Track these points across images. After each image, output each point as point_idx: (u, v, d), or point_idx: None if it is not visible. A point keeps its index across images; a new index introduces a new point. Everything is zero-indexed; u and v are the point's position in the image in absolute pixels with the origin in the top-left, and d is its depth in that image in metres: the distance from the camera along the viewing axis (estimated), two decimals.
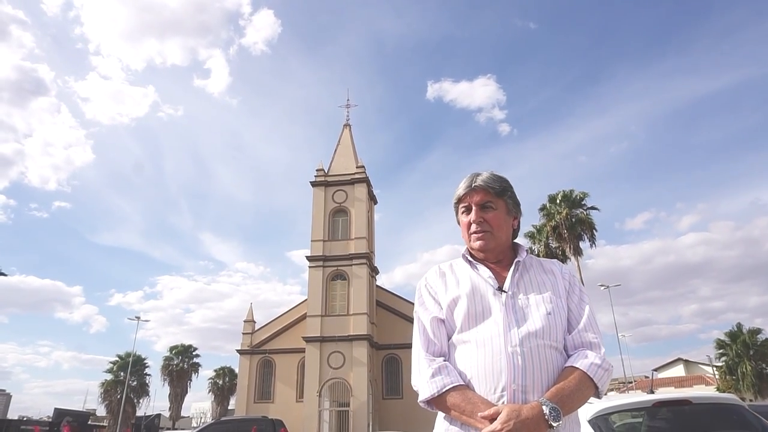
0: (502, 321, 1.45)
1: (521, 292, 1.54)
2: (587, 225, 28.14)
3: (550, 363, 1.43)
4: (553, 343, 1.45)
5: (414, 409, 31.93)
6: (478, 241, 1.59)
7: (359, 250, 33.00)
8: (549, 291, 1.55)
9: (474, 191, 1.61)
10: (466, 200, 1.62)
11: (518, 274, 1.57)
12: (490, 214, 1.59)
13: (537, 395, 1.37)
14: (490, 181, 1.61)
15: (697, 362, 46.79)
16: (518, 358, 1.39)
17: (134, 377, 39.24)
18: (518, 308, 1.49)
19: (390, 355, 33.84)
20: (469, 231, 1.61)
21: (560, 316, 1.51)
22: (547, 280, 1.59)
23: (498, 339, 1.43)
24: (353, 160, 36.44)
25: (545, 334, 1.45)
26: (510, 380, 1.38)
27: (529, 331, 1.44)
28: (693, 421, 3.93)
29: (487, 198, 1.60)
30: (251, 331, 35.65)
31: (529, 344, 1.41)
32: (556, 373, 1.42)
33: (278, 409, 29.40)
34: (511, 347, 1.41)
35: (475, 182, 1.62)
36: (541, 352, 1.42)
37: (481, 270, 1.60)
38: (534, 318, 1.47)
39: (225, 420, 20.12)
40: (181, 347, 45.35)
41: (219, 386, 48.87)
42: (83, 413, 44.25)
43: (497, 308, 1.49)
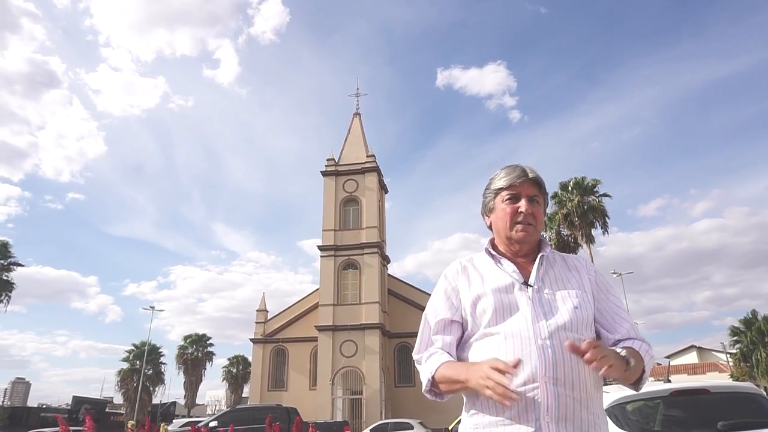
0: (531, 314, 1.45)
1: (546, 286, 1.53)
2: (599, 212, 27.90)
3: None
4: (582, 337, 1.44)
5: (426, 397, 32.00)
6: (522, 232, 1.55)
7: (370, 239, 33.05)
8: (574, 285, 1.54)
9: (528, 182, 1.58)
10: (517, 189, 1.58)
11: (543, 269, 1.56)
12: (536, 208, 1.58)
13: (567, 387, 1.37)
14: (540, 176, 1.62)
15: (711, 349, 46.48)
16: (548, 350, 1.39)
17: (150, 366, 39.88)
18: (545, 302, 1.49)
19: (402, 343, 33.99)
20: (514, 220, 1.57)
21: (587, 310, 1.50)
22: (572, 275, 1.58)
23: (527, 332, 1.42)
24: (363, 149, 36.37)
25: (573, 327, 1.45)
26: (541, 372, 1.37)
27: (558, 324, 1.43)
28: (710, 410, 3.90)
29: (536, 192, 1.60)
30: (264, 320, 35.97)
31: (558, 337, 1.41)
32: (585, 365, 1.38)
33: (291, 397, 29.74)
34: (541, 340, 1.40)
35: (531, 174, 1.59)
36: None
37: (505, 264, 1.58)
38: (561, 312, 1.46)
39: (241, 408, 20.40)
40: (195, 336, 45.93)
41: (233, 374, 49.46)
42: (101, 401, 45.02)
43: (524, 302, 1.48)
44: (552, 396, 1.36)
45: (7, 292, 30.21)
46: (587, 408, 1.40)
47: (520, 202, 1.57)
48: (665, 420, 4.01)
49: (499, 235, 1.63)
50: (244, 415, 15.11)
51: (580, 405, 1.38)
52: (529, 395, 1.37)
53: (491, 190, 1.64)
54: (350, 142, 37.17)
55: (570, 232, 28.31)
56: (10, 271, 30.70)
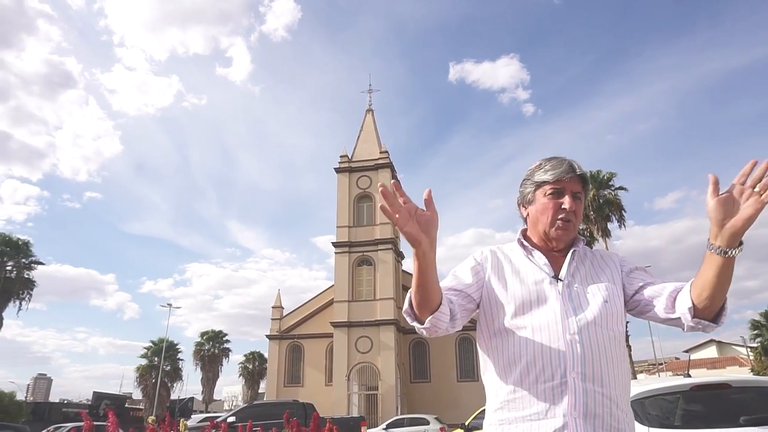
0: (560, 309, 1.42)
1: (576, 281, 1.49)
2: (615, 206, 27.61)
3: (608, 351, 1.39)
4: (611, 332, 1.42)
5: (442, 393, 32.15)
6: (561, 230, 1.51)
7: (384, 236, 33.09)
8: (605, 280, 1.50)
9: (575, 178, 1.52)
10: (562, 184, 1.51)
11: (574, 264, 1.53)
12: (578, 205, 1.52)
13: (596, 382, 1.35)
14: (586, 172, 1.55)
15: (731, 343, 45.81)
16: (577, 345, 1.36)
17: (167, 362, 40.38)
18: (574, 297, 1.45)
19: (417, 339, 34.03)
20: (555, 216, 1.51)
21: (617, 304, 1.47)
22: (603, 270, 1.54)
23: (555, 326, 1.39)
24: (377, 145, 36.36)
25: (603, 322, 1.41)
26: (570, 367, 1.34)
27: (587, 319, 1.40)
28: (732, 405, 3.85)
29: (580, 188, 1.54)
30: (279, 316, 36.24)
31: (587, 332, 1.38)
32: (614, 361, 1.39)
33: (307, 393, 29.92)
34: (570, 335, 1.37)
35: (579, 170, 1.52)
36: (600, 341, 1.39)
37: (536, 257, 1.55)
38: (591, 306, 1.43)
39: (258, 403, 20.61)
40: (212, 333, 46.40)
41: (249, 371, 49.91)
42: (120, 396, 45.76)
43: (553, 296, 1.45)
44: (581, 392, 1.33)
45: (29, 291, 30.81)
46: (616, 405, 1.37)
47: (563, 198, 1.51)
48: (685, 415, 3.97)
49: (535, 228, 1.58)
50: (261, 411, 15.27)
51: (610, 401, 1.35)
52: (557, 391, 1.34)
53: (533, 181, 1.57)
54: (363, 139, 37.18)
55: (586, 226, 28.05)
56: (31, 270, 31.30)
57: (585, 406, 1.32)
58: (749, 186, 1.23)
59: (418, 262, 1.30)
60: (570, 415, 1.31)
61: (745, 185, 1.24)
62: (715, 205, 1.24)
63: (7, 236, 31.01)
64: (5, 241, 30.59)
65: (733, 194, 1.25)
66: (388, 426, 22.50)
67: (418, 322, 1.41)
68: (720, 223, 1.24)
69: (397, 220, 1.27)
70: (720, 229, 1.24)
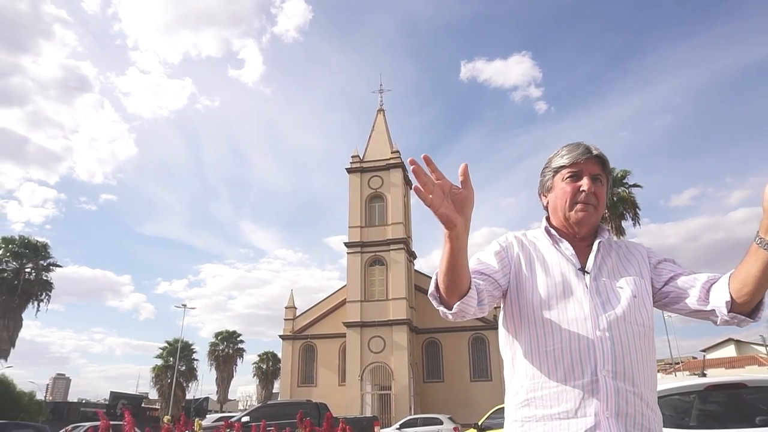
0: (588, 303, 1.37)
1: (604, 274, 1.44)
2: (629, 203, 27.32)
3: (638, 348, 1.35)
4: (640, 328, 1.38)
5: (455, 393, 32.07)
6: (582, 212, 1.45)
7: (396, 236, 33.10)
8: (632, 273, 1.46)
9: (592, 159, 1.47)
10: (579, 167, 1.47)
11: (600, 256, 1.48)
12: (599, 188, 1.47)
13: (627, 381, 1.31)
14: (605, 154, 1.50)
15: (750, 342, 45.06)
16: (607, 342, 1.32)
17: (183, 362, 40.76)
18: (602, 290, 1.41)
19: (430, 339, 33.99)
20: (574, 200, 1.46)
21: (645, 298, 1.42)
22: (629, 262, 1.49)
23: (584, 322, 1.35)
24: (388, 145, 36.37)
25: (632, 318, 1.37)
26: (600, 365, 1.30)
27: (617, 315, 1.36)
28: (748, 405, 3.82)
29: (600, 170, 1.49)
30: (293, 317, 36.41)
31: (618, 329, 1.34)
32: (644, 358, 1.35)
33: (321, 393, 30.04)
34: (599, 331, 1.33)
35: (596, 151, 1.48)
36: (630, 337, 1.35)
37: (563, 247, 1.49)
38: (620, 301, 1.39)
39: (272, 403, 20.72)
40: (226, 333, 46.76)
41: (263, 371, 50.20)
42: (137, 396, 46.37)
43: (580, 289, 1.40)
44: (612, 390, 1.29)
45: (47, 292, 31.28)
46: (647, 404, 1.33)
47: (582, 181, 1.46)
48: (701, 415, 3.93)
49: (557, 215, 1.53)
50: (274, 411, 15.34)
51: (641, 400, 1.31)
52: (588, 389, 1.30)
53: (551, 168, 1.53)
54: (374, 139, 37.21)
55: None
56: (50, 272, 31.77)
57: (617, 405, 1.28)
58: None
59: (450, 244, 1.21)
60: (602, 414, 1.27)
61: None
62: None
63: (26, 239, 31.54)
64: (24, 244, 31.10)
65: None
66: (401, 426, 22.50)
67: (444, 306, 1.33)
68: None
69: (431, 201, 1.18)
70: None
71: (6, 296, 29.08)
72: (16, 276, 29.89)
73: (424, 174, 1.19)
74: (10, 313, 29.15)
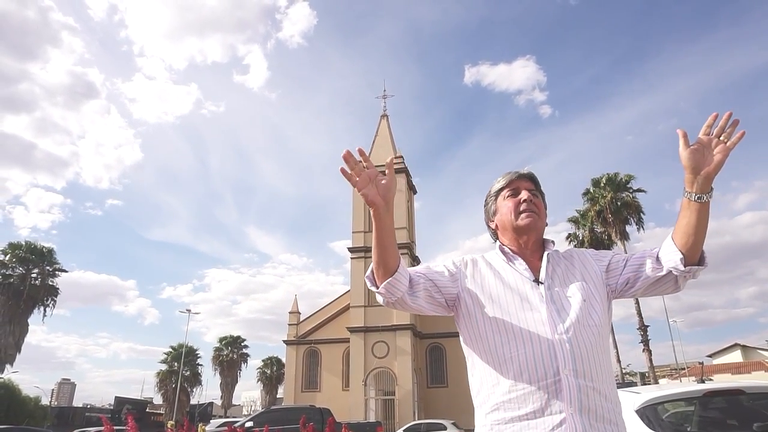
0: (545, 311, 1.49)
1: (556, 283, 1.57)
2: (634, 208, 27.27)
3: (594, 347, 1.46)
4: (593, 328, 1.49)
5: (459, 398, 31.94)
6: (528, 218, 1.61)
7: (400, 240, 33.09)
8: (578, 278, 1.59)
9: (523, 178, 1.68)
10: (515, 184, 1.66)
11: (551, 266, 1.61)
12: (537, 199, 1.65)
13: (586, 378, 1.41)
14: (534, 175, 1.71)
15: (756, 347, 44.74)
16: (566, 344, 1.43)
17: (187, 367, 40.80)
18: (556, 298, 1.53)
19: (434, 344, 33.93)
20: (518, 209, 1.63)
21: (593, 301, 1.55)
22: (575, 269, 1.62)
23: (543, 328, 1.46)
24: (391, 150, 36.44)
25: (585, 320, 1.49)
26: (562, 365, 1.41)
27: (572, 319, 1.47)
28: (746, 412, 3.82)
29: (533, 186, 1.67)
30: (297, 322, 36.43)
31: (573, 331, 1.45)
32: (600, 356, 1.47)
33: (325, 398, 30.04)
34: (558, 335, 1.44)
35: (525, 171, 1.70)
36: (584, 336, 1.46)
37: (517, 263, 1.62)
38: (573, 306, 1.51)
39: (275, 408, 20.76)
40: (230, 338, 46.80)
41: (267, 375, 50.18)
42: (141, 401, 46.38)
43: (537, 299, 1.52)
44: (575, 388, 1.39)
45: (53, 297, 31.39)
46: (605, 397, 1.43)
47: (521, 194, 1.64)
48: (699, 421, 3.94)
49: (506, 232, 1.67)
50: (278, 416, 15.38)
51: (599, 395, 1.41)
52: (552, 389, 1.40)
53: (491, 194, 1.73)
54: (378, 144, 37.31)
55: (603, 229, 27.77)
56: (56, 277, 31.91)
57: (579, 401, 1.38)
58: (715, 135, 1.42)
59: (375, 223, 1.43)
60: (567, 410, 1.37)
61: (711, 135, 1.42)
62: (688, 155, 1.41)
63: (32, 244, 31.71)
64: (30, 249, 31.26)
65: (701, 145, 1.42)
66: (405, 431, 22.46)
67: (375, 286, 1.49)
68: (694, 171, 1.41)
69: (357, 183, 1.41)
70: (695, 176, 1.42)
71: (12, 301, 29.22)
72: (22, 281, 30.04)
73: (354, 160, 1.41)
74: (16, 318, 29.29)
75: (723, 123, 1.41)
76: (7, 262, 30.40)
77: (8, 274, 30.01)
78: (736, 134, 1.41)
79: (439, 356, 33.93)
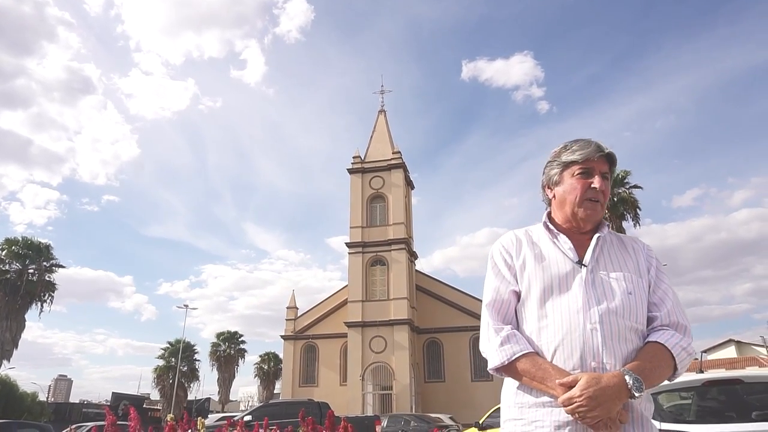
0: (582, 297, 1.41)
1: (601, 267, 1.47)
2: (630, 204, 27.33)
3: (630, 343, 1.39)
4: (634, 324, 1.41)
5: (456, 393, 32.10)
6: (590, 210, 1.50)
7: (397, 236, 33.14)
8: (630, 269, 1.49)
9: (603, 158, 1.53)
10: (591, 164, 1.51)
11: (599, 249, 1.51)
12: (606, 185, 1.52)
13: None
14: (614, 156, 1.56)
15: (750, 343, 44.93)
16: (597, 335, 1.36)
17: (184, 363, 40.73)
18: (598, 284, 1.44)
19: (431, 339, 34.03)
20: (584, 196, 1.50)
21: (641, 296, 1.46)
22: (629, 258, 1.52)
23: (577, 315, 1.39)
24: (389, 146, 36.43)
25: (626, 314, 1.40)
26: (590, 358, 1.35)
27: (610, 309, 1.39)
28: (744, 401, 3.87)
29: (608, 169, 1.54)
30: (294, 317, 36.47)
31: (609, 323, 1.37)
32: (634, 354, 1.39)
33: (322, 393, 30.07)
34: (591, 324, 1.37)
35: (606, 149, 1.53)
36: (621, 332, 1.38)
37: (561, 240, 1.53)
38: (615, 296, 1.42)
39: (273, 402, 20.79)
40: (228, 334, 46.75)
41: (264, 371, 50.16)
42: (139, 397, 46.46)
43: (576, 283, 1.44)
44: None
45: (50, 293, 31.29)
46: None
47: (592, 178, 1.51)
48: (699, 410, 3.99)
49: (563, 210, 1.56)
50: (276, 410, 15.40)
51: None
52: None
53: (560, 162, 1.57)
54: (376, 139, 37.28)
55: None
56: (52, 273, 31.78)
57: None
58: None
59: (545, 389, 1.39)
60: None
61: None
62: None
63: (28, 240, 31.57)
64: (27, 245, 31.13)
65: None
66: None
67: (498, 374, 1.50)
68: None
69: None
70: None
71: (9, 297, 29.13)
72: (19, 277, 29.94)
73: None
74: (13, 313, 29.19)
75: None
76: (4, 258, 30.29)
77: (5, 269, 29.90)
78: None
79: (437, 351, 34.02)
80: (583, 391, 1.27)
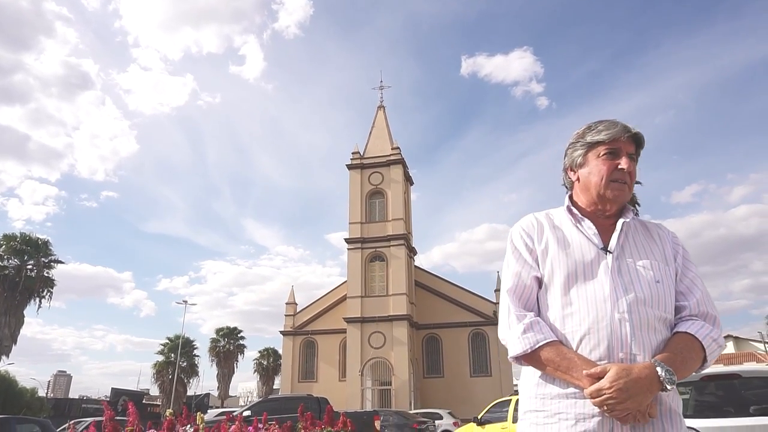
0: (609, 285, 1.35)
1: (627, 254, 1.42)
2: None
3: (658, 333, 1.34)
4: (662, 314, 1.36)
5: (455, 388, 32.18)
6: (617, 191, 1.44)
7: (396, 231, 33.15)
8: (656, 257, 1.44)
9: (630, 139, 1.46)
10: (618, 144, 1.45)
11: (624, 236, 1.46)
12: (633, 167, 1.46)
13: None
14: (642, 138, 1.49)
15: (748, 339, 45.11)
16: (626, 325, 1.31)
17: (184, 358, 40.76)
18: (624, 272, 1.38)
19: (430, 334, 34.09)
20: (611, 177, 1.44)
21: (668, 285, 1.40)
22: (654, 245, 1.47)
23: (604, 304, 1.33)
24: (388, 141, 36.40)
25: (654, 303, 1.35)
26: (618, 348, 1.30)
27: (638, 298, 1.34)
28: (742, 396, 3.88)
29: (634, 150, 1.48)
30: (293, 312, 36.52)
31: (638, 312, 1.32)
32: (662, 344, 1.34)
33: (321, 388, 30.15)
34: (619, 314, 1.32)
35: (634, 130, 1.46)
36: (650, 322, 1.33)
37: (585, 225, 1.47)
38: (642, 284, 1.36)
39: (273, 398, 20.81)
40: (227, 329, 46.77)
41: (264, 367, 50.23)
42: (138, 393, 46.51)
43: (602, 270, 1.38)
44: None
45: (49, 289, 31.25)
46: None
47: (620, 159, 1.45)
48: (697, 405, 4.00)
49: (587, 192, 1.50)
50: (276, 405, 15.42)
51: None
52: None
53: (584, 143, 1.50)
54: (375, 135, 37.23)
55: None
56: (51, 269, 31.74)
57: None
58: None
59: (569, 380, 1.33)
60: None
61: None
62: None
63: (27, 236, 31.49)
64: (25, 241, 31.06)
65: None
66: None
67: (519, 363, 1.43)
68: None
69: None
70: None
71: (7, 293, 29.10)
72: (17, 273, 29.90)
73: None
74: (11, 310, 29.16)
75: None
76: (2, 254, 30.24)
77: (3, 265, 29.85)
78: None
79: (436, 347, 34.09)
80: (613, 383, 1.22)
